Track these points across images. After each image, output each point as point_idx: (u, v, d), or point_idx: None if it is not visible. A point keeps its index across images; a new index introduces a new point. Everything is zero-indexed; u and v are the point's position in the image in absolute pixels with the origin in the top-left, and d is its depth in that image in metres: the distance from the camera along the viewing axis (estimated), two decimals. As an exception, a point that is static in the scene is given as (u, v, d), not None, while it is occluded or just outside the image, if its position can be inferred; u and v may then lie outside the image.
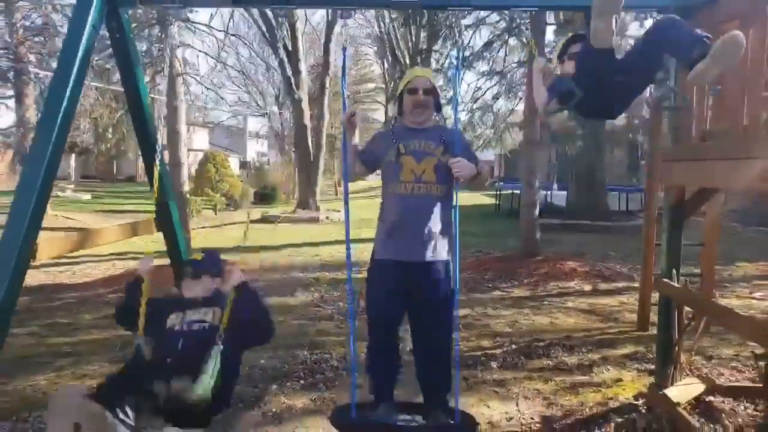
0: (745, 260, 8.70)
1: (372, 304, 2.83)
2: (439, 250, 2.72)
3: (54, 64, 16.78)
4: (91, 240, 11.74)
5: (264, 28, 16.59)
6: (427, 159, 2.72)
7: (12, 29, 14.77)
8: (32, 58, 15.84)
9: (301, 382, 4.08)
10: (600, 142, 13.58)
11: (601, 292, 7.01)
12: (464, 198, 20.32)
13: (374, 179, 3.12)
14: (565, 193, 15.59)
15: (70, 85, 2.74)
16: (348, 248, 2.85)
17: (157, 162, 3.37)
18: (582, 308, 6.19)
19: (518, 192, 11.24)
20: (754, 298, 6.41)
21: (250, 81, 25.58)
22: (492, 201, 19.85)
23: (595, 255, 9.46)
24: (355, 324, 2.83)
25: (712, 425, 3.08)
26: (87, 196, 23.10)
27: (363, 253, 3.00)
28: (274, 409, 3.63)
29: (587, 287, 7.22)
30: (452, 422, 2.66)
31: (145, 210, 16.85)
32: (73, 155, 29.54)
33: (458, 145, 2.74)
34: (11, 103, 17.84)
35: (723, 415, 3.23)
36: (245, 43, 17.85)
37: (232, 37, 13.72)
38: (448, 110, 10.50)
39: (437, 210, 2.70)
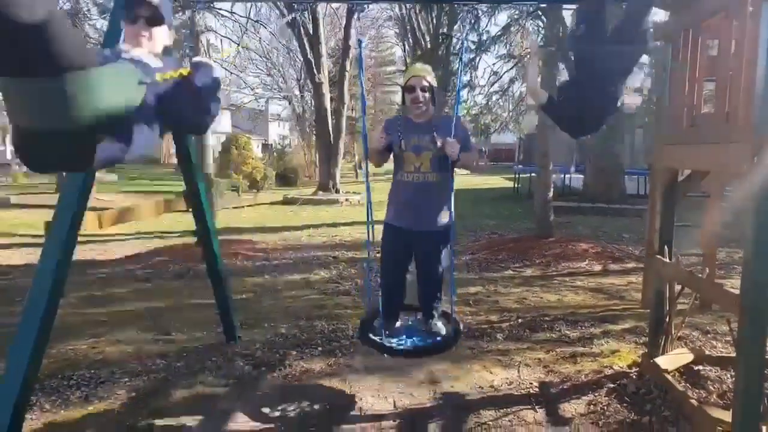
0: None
1: (385, 252, 3.57)
2: (437, 222, 3.37)
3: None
4: (128, 215, 12.51)
5: (285, 13, 16.79)
6: (424, 153, 3.32)
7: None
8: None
9: (319, 349, 4.39)
10: (618, 126, 13.60)
11: (611, 272, 7.20)
12: (484, 181, 20.36)
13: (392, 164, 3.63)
14: (583, 176, 15.64)
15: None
16: (369, 209, 3.49)
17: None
18: (590, 287, 6.40)
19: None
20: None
21: (272, 64, 25.83)
22: (510, 184, 19.96)
23: (608, 237, 9.61)
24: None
25: (696, 390, 3.32)
26: (113, 177, 23.74)
27: (380, 233, 3.55)
28: (294, 372, 3.95)
29: (597, 267, 7.41)
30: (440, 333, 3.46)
31: (170, 191, 17.34)
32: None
33: (453, 130, 3.24)
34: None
35: (708, 382, 3.47)
36: (267, 28, 18.07)
37: (254, 22, 13.97)
38: (464, 94, 10.67)
39: (434, 192, 3.35)
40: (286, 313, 5.44)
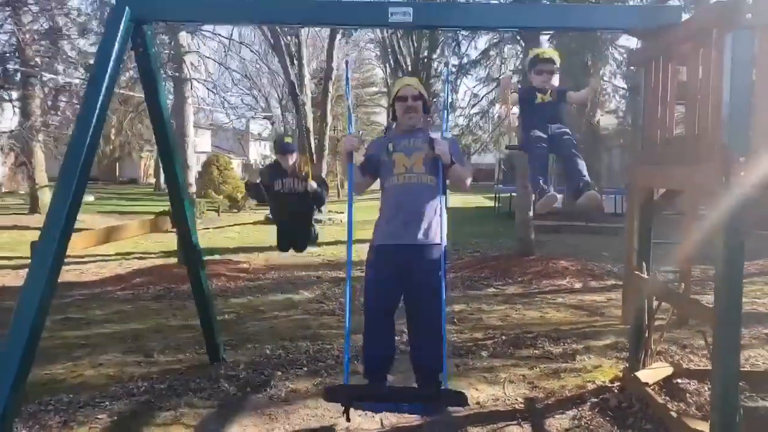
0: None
1: (369, 288, 3.12)
2: (431, 234, 3.02)
3: (60, 68, 17.04)
4: (113, 235, 12.53)
5: (269, 34, 16.94)
6: (416, 154, 3.08)
7: (20, 32, 15.01)
8: (39, 61, 16.11)
9: (305, 369, 4.38)
10: (596, 146, 13.90)
11: (591, 289, 7.33)
12: (465, 200, 20.50)
13: (376, 184, 3.48)
14: (562, 195, 15.90)
15: (101, 98, 3.03)
16: (350, 234, 3.25)
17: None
18: (571, 304, 6.50)
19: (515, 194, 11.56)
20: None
21: (255, 85, 25.93)
22: (491, 203, 20.19)
23: (588, 255, 9.77)
24: (350, 306, 3.07)
25: (676, 403, 3.41)
26: (91, 198, 23.41)
27: (364, 254, 3.34)
28: (279, 393, 3.92)
29: (578, 285, 7.53)
30: (439, 392, 2.92)
31: (149, 211, 17.17)
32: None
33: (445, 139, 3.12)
34: (16, 105, 18.06)
35: (687, 394, 3.55)
36: (250, 49, 18.19)
37: (238, 42, 14.04)
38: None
39: (428, 196, 3.05)
40: (270, 333, 5.42)
